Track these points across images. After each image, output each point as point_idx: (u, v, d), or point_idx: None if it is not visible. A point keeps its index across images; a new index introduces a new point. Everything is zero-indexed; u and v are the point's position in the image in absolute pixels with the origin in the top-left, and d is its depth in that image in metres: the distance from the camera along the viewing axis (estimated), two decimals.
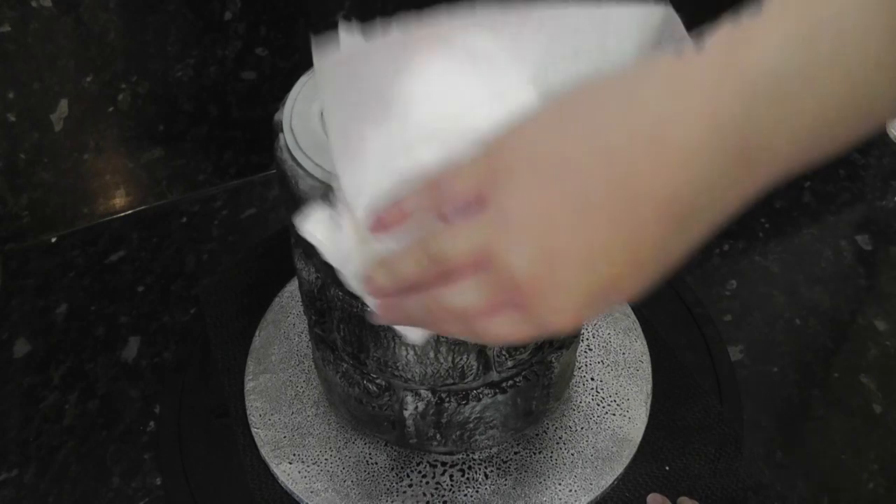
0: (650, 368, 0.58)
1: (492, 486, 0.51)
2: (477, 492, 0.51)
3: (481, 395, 0.47)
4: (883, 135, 0.84)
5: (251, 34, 0.70)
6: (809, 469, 0.54)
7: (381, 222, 0.28)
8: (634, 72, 0.25)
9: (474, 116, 0.28)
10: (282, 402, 0.57)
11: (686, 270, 0.68)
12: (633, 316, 0.62)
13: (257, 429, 0.55)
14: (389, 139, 0.29)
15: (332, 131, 0.32)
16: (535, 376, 0.48)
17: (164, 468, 0.54)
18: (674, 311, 0.63)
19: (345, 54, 0.30)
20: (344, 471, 0.52)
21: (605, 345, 0.60)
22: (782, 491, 0.52)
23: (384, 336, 0.44)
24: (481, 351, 0.44)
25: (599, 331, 0.62)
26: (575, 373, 0.58)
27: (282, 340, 0.61)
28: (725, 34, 0.25)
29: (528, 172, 0.24)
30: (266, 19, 0.69)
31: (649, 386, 0.57)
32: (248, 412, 0.56)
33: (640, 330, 0.61)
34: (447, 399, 0.47)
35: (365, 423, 0.52)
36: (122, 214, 0.75)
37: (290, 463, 0.53)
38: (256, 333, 0.62)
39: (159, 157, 0.74)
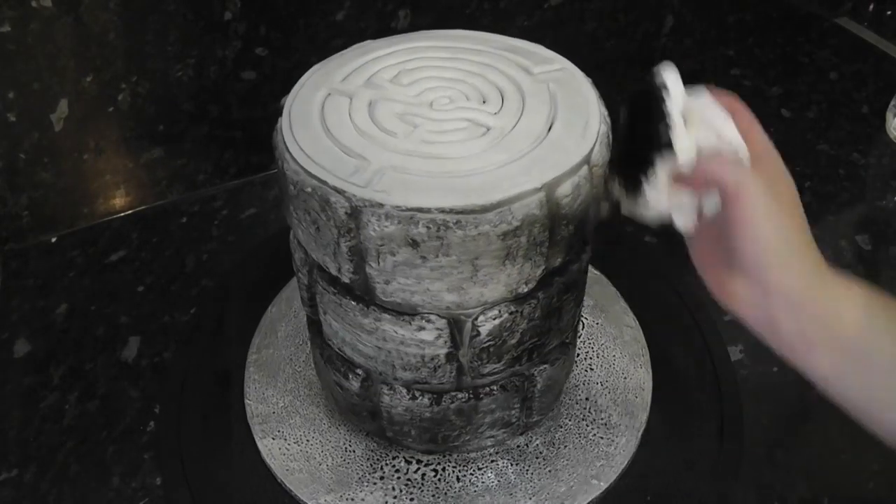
0: (650, 398, 0.57)
1: (460, 491, 0.51)
2: (446, 493, 0.51)
3: (455, 399, 0.47)
4: (883, 134, 0.84)
5: (251, 34, 0.70)
6: (809, 469, 0.54)
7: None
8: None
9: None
10: (278, 379, 0.58)
11: (686, 270, 0.68)
12: (643, 342, 0.61)
13: (250, 401, 0.56)
14: None
15: None
16: (515, 388, 0.48)
17: (164, 468, 0.54)
18: (674, 311, 0.63)
19: None
20: (321, 454, 0.53)
21: (607, 366, 0.59)
22: (782, 491, 0.52)
23: (366, 322, 0.44)
24: (451, 353, 0.44)
25: (605, 351, 0.60)
26: (569, 390, 0.57)
27: (291, 318, 0.62)
28: None
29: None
30: (266, 19, 0.69)
31: (645, 415, 0.55)
32: (245, 383, 0.57)
33: (647, 357, 0.60)
34: (420, 397, 0.47)
35: (346, 410, 0.52)
36: (122, 214, 0.75)
37: (273, 439, 0.54)
38: (269, 308, 0.63)
39: (159, 157, 0.74)
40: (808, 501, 0.52)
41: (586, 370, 0.59)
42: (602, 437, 0.54)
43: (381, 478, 0.52)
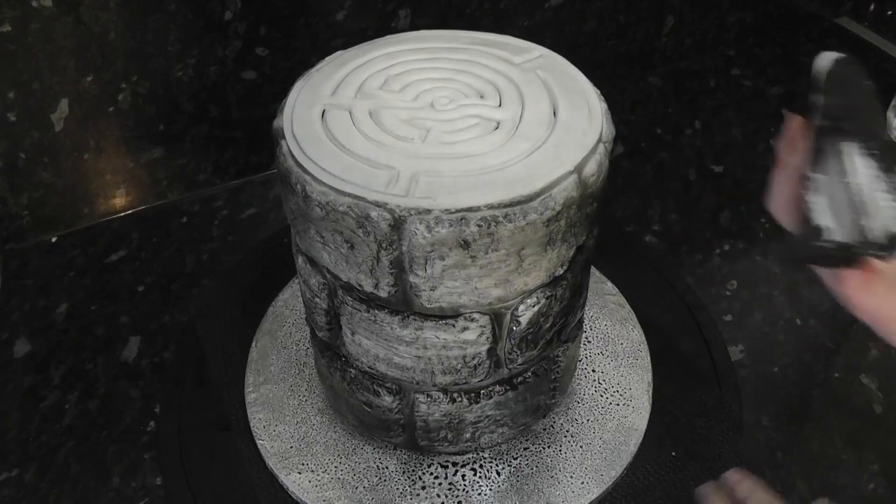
0: (649, 357, 0.59)
1: (505, 483, 0.52)
2: (490, 489, 0.51)
3: (492, 393, 0.47)
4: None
5: (251, 34, 0.70)
6: (809, 469, 0.54)
7: None
8: None
9: None
10: (285, 413, 0.56)
11: (686, 270, 0.68)
12: (627, 307, 0.63)
13: (262, 440, 0.54)
14: None
15: None
16: (544, 371, 0.49)
17: (164, 468, 0.54)
18: (674, 312, 0.63)
19: None
20: (355, 478, 0.52)
21: (602, 336, 0.61)
22: (782, 491, 0.52)
23: (405, 334, 0.43)
24: (491, 349, 0.44)
25: (596, 322, 0.62)
26: (577, 365, 0.58)
27: (279, 350, 0.61)
28: None
29: None
30: (266, 19, 0.69)
31: (649, 374, 0.58)
32: (251, 424, 0.55)
33: (635, 319, 0.62)
34: (459, 398, 0.47)
35: (374, 428, 0.51)
36: (122, 214, 0.75)
37: (300, 473, 0.52)
38: (253, 345, 0.61)
39: (159, 157, 0.74)
40: (808, 501, 0.52)
41: (585, 342, 0.61)
42: (618, 404, 0.56)
43: (423, 488, 0.51)
